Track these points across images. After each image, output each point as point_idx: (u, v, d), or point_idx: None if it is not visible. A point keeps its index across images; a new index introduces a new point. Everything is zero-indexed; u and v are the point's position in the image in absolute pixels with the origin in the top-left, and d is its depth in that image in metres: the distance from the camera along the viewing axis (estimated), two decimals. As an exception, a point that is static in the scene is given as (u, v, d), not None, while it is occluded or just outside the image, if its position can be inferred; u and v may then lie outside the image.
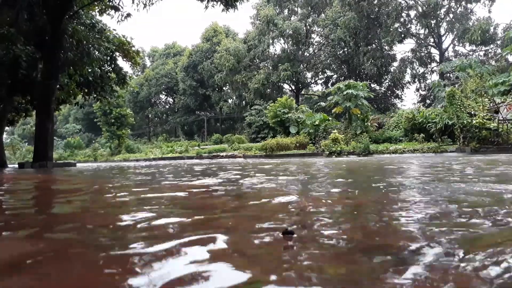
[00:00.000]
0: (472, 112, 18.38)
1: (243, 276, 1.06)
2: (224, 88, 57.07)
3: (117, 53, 18.74)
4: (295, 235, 1.49)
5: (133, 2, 16.76)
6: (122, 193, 3.64)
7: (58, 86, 15.95)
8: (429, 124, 20.04)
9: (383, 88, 47.88)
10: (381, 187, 3.57)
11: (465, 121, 17.55)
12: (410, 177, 4.79)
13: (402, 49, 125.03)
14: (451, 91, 18.84)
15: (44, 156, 14.32)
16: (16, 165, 17.31)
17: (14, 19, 13.81)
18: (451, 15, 41.14)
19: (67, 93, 18.74)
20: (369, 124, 23.81)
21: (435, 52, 44.50)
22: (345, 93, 23.57)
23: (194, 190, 3.81)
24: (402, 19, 42.35)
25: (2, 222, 2.21)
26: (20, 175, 8.94)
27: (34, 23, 14.81)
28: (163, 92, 69.76)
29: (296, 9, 48.55)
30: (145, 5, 16.97)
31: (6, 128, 25.24)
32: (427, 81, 44.66)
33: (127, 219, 2.06)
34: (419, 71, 45.41)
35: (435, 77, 43.29)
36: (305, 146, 23.86)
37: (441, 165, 7.25)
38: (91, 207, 2.93)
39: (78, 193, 4.19)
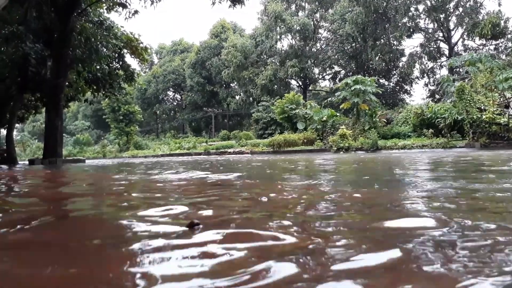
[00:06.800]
0: (482, 107, 18.16)
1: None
2: (231, 84, 57.02)
3: (125, 50, 18.84)
4: (201, 226, 1.57)
5: (140, -1, 16.86)
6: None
7: (66, 83, 16.11)
8: (438, 120, 19.83)
9: (391, 83, 47.43)
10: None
11: (474, 116, 17.35)
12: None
13: (411, 44, 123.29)
14: (461, 86, 18.64)
15: (54, 153, 14.50)
16: (27, 162, 17.54)
17: (23, 17, 13.96)
18: (460, 9, 40.49)
19: (75, 90, 18.91)
20: (378, 119, 23.62)
21: (444, 46, 43.90)
22: (353, 88, 23.40)
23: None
24: (410, 14, 41.83)
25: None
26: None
27: (43, 21, 14.95)
28: (170, 89, 69.87)
29: (303, 4, 48.17)
30: (152, 2, 17.05)
31: (16, 125, 25.55)
32: (436, 76, 44.11)
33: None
34: (428, 66, 44.85)
35: (444, 72, 42.76)
36: (312, 142, 23.79)
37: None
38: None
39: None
